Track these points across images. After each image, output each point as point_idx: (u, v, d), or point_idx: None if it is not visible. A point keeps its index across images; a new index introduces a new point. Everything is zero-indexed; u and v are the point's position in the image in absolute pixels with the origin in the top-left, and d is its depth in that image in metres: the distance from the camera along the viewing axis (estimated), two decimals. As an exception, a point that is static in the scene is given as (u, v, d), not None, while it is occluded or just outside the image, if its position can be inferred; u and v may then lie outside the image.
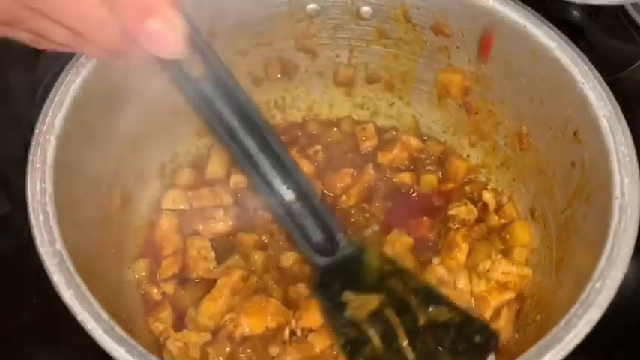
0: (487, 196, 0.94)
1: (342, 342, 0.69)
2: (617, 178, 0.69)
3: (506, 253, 0.89)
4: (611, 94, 0.74)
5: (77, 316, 0.60)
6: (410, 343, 0.69)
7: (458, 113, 0.99)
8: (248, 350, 0.77)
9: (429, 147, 1.01)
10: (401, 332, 0.68)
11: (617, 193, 0.68)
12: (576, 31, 0.82)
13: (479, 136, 0.98)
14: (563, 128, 0.81)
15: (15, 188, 0.92)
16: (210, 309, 0.80)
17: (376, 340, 0.68)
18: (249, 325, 0.79)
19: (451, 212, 0.92)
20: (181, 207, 0.94)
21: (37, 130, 0.72)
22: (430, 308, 0.71)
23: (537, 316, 0.79)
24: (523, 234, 0.90)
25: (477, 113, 0.96)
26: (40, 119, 0.73)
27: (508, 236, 0.91)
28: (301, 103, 1.06)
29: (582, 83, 0.76)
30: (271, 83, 1.02)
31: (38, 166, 0.69)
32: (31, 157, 0.70)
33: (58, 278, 0.62)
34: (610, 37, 0.95)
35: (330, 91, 1.05)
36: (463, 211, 0.92)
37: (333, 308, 0.70)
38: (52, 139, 0.72)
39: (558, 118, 0.81)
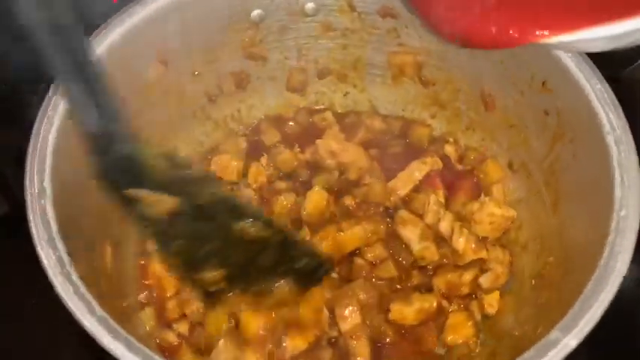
0: (448, 149, 0.99)
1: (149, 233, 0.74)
2: (602, 115, 0.74)
3: (486, 193, 0.95)
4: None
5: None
6: (225, 249, 0.74)
7: (414, 89, 1.02)
8: None
9: (390, 124, 1.04)
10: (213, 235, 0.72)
11: (607, 128, 0.73)
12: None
13: (439, 107, 1.01)
14: (529, 81, 0.86)
15: (14, 188, 0.91)
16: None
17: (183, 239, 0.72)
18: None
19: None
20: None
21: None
22: (241, 221, 0.73)
23: (549, 258, 0.84)
24: (495, 169, 0.96)
25: (434, 85, 1.00)
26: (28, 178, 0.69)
27: (482, 175, 0.96)
28: (257, 112, 1.04)
29: (543, 37, 0.81)
30: (226, 98, 1.00)
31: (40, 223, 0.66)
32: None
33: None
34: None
35: (283, 95, 1.05)
36: (429, 161, 0.96)
37: (124, 201, 0.69)
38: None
39: (522, 73, 0.86)
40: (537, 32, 0.66)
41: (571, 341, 0.59)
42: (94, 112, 0.63)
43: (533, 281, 0.86)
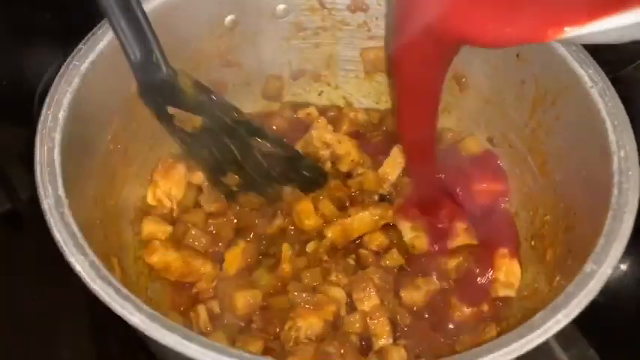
0: None
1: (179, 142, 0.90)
2: (581, 72, 0.80)
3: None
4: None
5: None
6: (243, 160, 0.91)
7: (386, 81, 1.05)
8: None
9: (371, 115, 1.06)
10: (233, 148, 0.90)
11: (589, 83, 0.79)
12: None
13: (412, 95, 1.05)
14: (502, 56, 0.91)
15: (17, 186, 0.98)
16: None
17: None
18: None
19: None
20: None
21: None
22: (257, 139, 0.91)
23: (546, 217, 0.88)
24: (474, 145, 0.99)
25: (405, 72, 1.03)
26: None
27: (463, 153, 1.00)
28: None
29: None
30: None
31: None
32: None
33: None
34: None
35: (260, 100, 1.05)
36: None
37: (161, 115, 0.86)
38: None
39: (494, 49, 0.91)
40: (559, 28, 0.62)
41: (607, 270, 0.62)
42: (139, 42, 0.79)
43: (532, 242, 0.90)
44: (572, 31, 0.61)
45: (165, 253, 0.86)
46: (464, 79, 0.98)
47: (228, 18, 0.94)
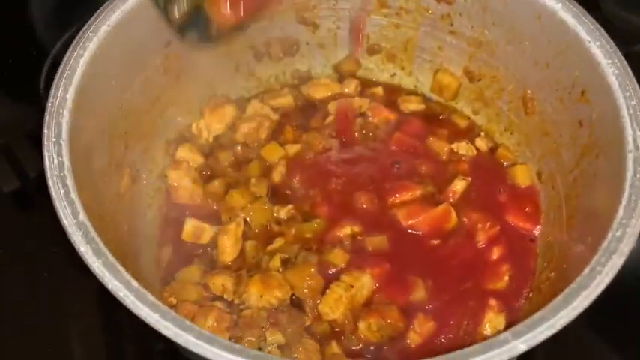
0: (479, 143, 0.97)
1: None
2: (629, 132, 0.70)
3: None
4: (617, 50, 0.75)
5: (108, 285, 0.59)
6: None
7: (460, 80, 1.00)
8: None
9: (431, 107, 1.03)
10: None
11: (630, 146, 0.69)
12: (589, 1, 0.81)
13: (482, 103, 0.99)
14: (570, 89, 0.82)
15: (25, 164, 0.96)
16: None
17: None
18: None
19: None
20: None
21: (49, 104, 0.71)
22: None
23: (551, 273, 0.80)
24: (524, 175, 0.93)
25: (479, 80, 0.97)
26: (52, 93, 0.72)
27: (509, 181, 0.93)
28: (301, 79, 1.06)
29: (589, 42, 0.77)
30: (273, 62, 1.03)
31: (54, 140, 0.69)
32: (46, 132, 0.69)
33: (85, 249, 0.61)
34: (624, 8, 0.94)
35: (328, 67, 1.05)
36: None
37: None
38: (66, 112, 0.71)
39: (565, 79, 0.82)
40: None
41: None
42: None
43: (531, 294, 0.83)
44: None
45: (187, 175, 0.92)
46: (531, 103, 0.90)
47: (311, -26, 0.94)
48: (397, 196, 0.90)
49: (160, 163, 0.94)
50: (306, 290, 0.81)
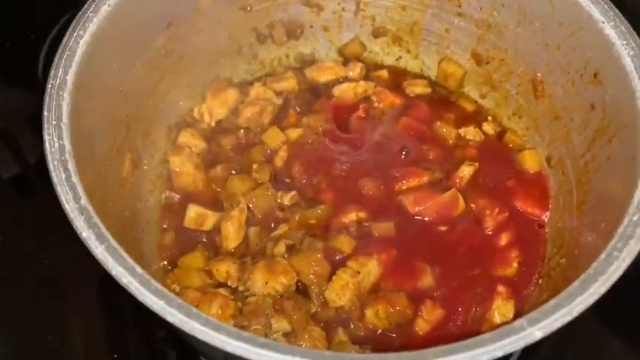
0: (487, 128, 0.96)
1: None
2: (646, 113, 0.68)
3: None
4: (633, 31, 0.73)
5: (111, 271, 0.57)
6: None
7: (467, 65, 0.98)
8: None
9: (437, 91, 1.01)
10: None
11: (644, 129, 0.67)
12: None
13: (490, 87, 0.97)
14: (582, 71, 0.80)
15: (25, 149, 0.94)
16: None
17: None
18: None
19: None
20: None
21: (49, 86, 0.69)
22: None
23: (562, 260, 0.79)
24: (532, 160, 0.91)
25: (487, 63, 0.95)
26: (52, 74, 0.70)
27: (518, 166, 0.92)
28: (304, 62, 1.04)
29: (603, 22, 0.75)
30: (276, 44, 1.01)
31: (54, 122, 0.67)
32: (46, 114, 0.67)
33: (87, 234, 0.59)
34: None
35: (332, 50, 1.03)
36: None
37: None
38: (66, 95, 0.69)
39: (577, 61, 0.80)
40: None
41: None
42: None
43: (540, 280, 0.81)
44: None
45: (189, 160, 0.91)
46: (541, 87, 0.88)
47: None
48: (404, 182, 0.88)
49: (161, 147, 0.92)
50: (312, 276, 0.79)
